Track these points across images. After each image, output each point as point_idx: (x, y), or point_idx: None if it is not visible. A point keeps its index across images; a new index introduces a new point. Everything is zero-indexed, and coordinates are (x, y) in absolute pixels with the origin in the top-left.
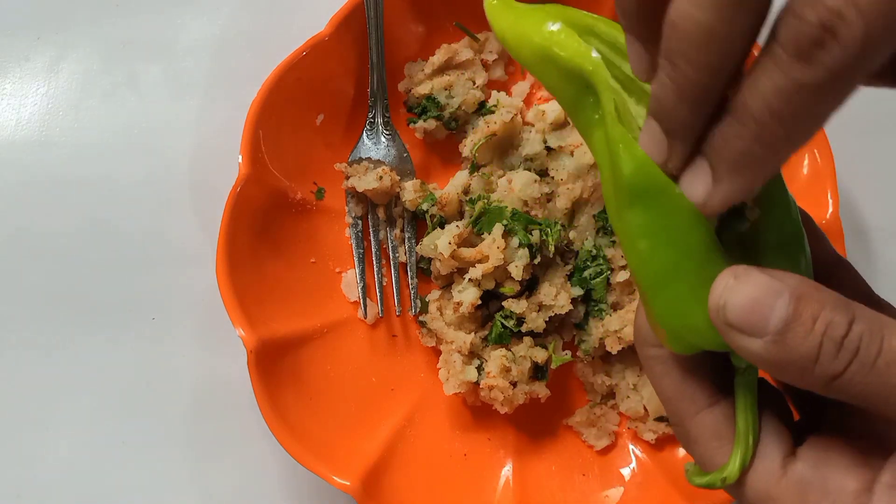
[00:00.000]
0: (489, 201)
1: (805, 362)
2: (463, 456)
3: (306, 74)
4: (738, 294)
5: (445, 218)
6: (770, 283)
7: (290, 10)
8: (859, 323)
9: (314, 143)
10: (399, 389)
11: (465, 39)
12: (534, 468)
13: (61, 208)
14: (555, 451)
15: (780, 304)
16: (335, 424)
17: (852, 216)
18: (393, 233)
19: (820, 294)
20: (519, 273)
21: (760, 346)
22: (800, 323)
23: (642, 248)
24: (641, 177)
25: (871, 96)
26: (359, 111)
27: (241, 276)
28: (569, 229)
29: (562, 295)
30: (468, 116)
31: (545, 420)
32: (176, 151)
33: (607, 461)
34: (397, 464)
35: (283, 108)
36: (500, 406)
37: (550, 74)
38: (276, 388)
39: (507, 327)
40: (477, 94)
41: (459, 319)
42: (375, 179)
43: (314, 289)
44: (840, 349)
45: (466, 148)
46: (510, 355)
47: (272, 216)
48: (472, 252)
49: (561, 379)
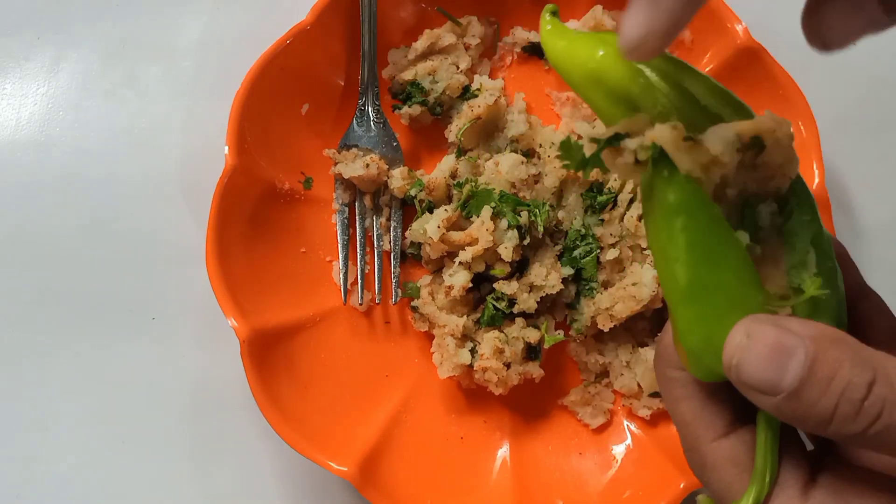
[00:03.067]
0: (477, 184)
1: (821, 421)
2: (459, 439)
3: (290, 63)
4: (751, 354)
5: (434, 203)
6: (783, 341)
7: (290, 11)
8: (881, 385)
9: (301, 133)
10: (393, 375)
11: (448, 24)
12: (530, 449)
13: (61, 208)
14: (551, 431)
15: (794, 364)
16: (330, 412)
17: (851, 215)
18: (379, 221)
19: (838, 351)
20: (509, 254)
21: (774, 403)
22: (814, 383)
23: (675, 263)
24: (683, 196)
25: (871, 97)
26: (347, 100)
27: (231, 268)
28: (557, 209)
29: (552, 275)
30: (453, 101)
31: (540, 401)
32: (176, 151)
33: (603, 439)
34: (394, 449)
35: (267, 99)
36: (494, 387)
37: (599, 96)
38: (269, 378)
39: (499, 309)
40: (461, 79)
41: (451, 303)
42: (363, 167)
43: (305, 278)
44: (859, 412)
45: (452, 133)
46: (503, 337)
47: (261, 207)
48: (462, 235)
49: (554, 359)
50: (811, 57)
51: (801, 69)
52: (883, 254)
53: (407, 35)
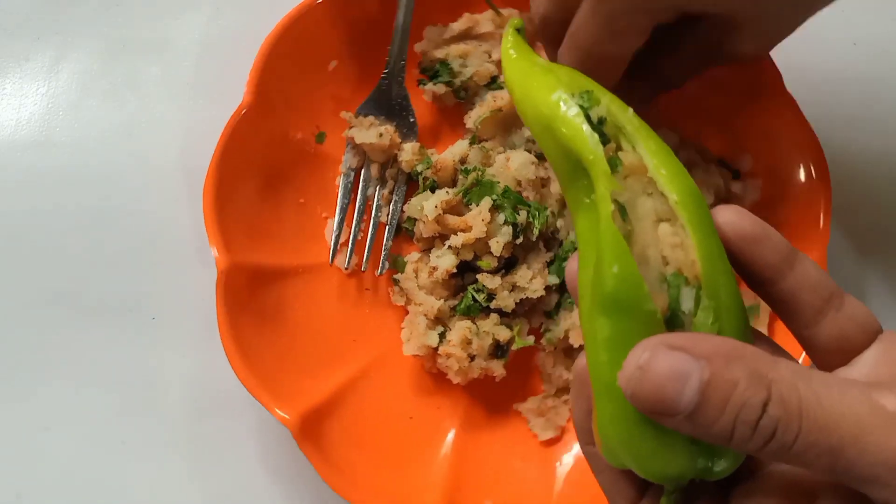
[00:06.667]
0: (483, 174)
1: (721, 439)
2: (409, 418)
3: (326, 16)
4: (645, 384)
5: (438, 183)
6: (676, 367)
7: (291, 9)
8: (774, 406)
9: (323, 88)
10: (361, 341)
11: (489, 12)
12: (475, 444)
13: (61, 208)
14: (499, 432)
15: (689, 389)
16: (290, 361)
17: (851, 215)
18: (381, 192)
19: (732, 371)
20: (498, 249)
21: (674, 424)
22: (710, 406)
23: (602, 358)
24: (623, 289)
25: (869, 96)
26: (375, 67)
27: (226, 201)
28: (557, 217)
29: (537, 280)
30: (478, 88)
31: (497, 400)
32: (176, 151)
33: (548, 453)
34: (342, 412)
35: (298, 44)
36: (453, 375)
37: (548, 143)
38: (239, 313)
39: (477, 301)
40: (490, 68)
41: (433, 284)
42: (376, 135)
43: (298, 229)
44: (755, 432)
45: (471, 119)
46: (474, 328)
47: (269, 150)
48: (457, 220)
49: (521, 364)
50: (811, 57)
51: (802, 69)
52: (883, 254)
53: (446, 14)
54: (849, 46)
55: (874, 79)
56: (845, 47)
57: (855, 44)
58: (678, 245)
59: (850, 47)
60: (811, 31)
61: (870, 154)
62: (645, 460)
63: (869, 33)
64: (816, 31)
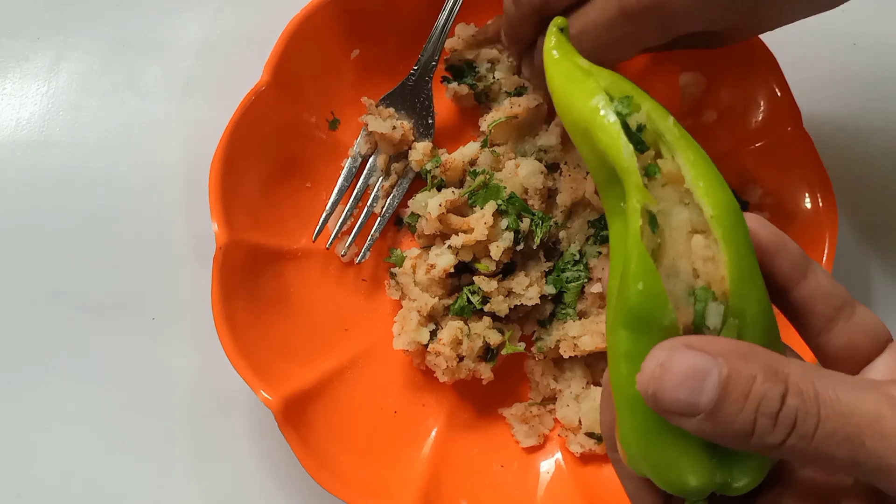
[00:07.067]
0: (491, 178)
1: (741, 436)
2: (393, 413)
3: (357, 4)
4: (665, 383)
5: (445, 182)
6: (696, 365)
7: (292, 10)
8: (793, 396)
9: (342, 75)
10: (353, 331)
11: None
12: (456, 444)
13: (61, 208)
14: (482, 434)
15: (709, 385)
16: (279, 344)
17: (852, 215)
18: (382, 184)
19: (749, 367)
20: (498, 254)
21: (695, 424)
22: (731, 401)
23: (623, 370)
24: (646, 307)
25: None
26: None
27: (232, 179)
28: (560, 228)
29: (533, 288)
30: (499, 95)
31: (483, 403)
32: (176, 151)
33: (529, 461)
34: (327, 399)
35: (320, 28)
36: (441, 374)
37: (586, 148)
38: (233, 292)
39: (472, 302)
40: (516, 80)
41: (429, 282)
42: (390, 127)
43: (301, 212)
44: (776, 424)
45: (485, 122)
46: (466, 329)
47: (281, 131)
48: (460, 221)
49: (510, 369)
50: (811, 57)
51: (801, 69)
52: (886, 252)
53: (481, 13)
54: (849, 46)
55: (874, 79)
56: (845, 47)
57: (855, 44)
58: (710, 259)
59: (850, 47)
60: (811, 31)
61: (870, 154)
62: (663, 472)
63: (869, 33)
64: (816, 32)
